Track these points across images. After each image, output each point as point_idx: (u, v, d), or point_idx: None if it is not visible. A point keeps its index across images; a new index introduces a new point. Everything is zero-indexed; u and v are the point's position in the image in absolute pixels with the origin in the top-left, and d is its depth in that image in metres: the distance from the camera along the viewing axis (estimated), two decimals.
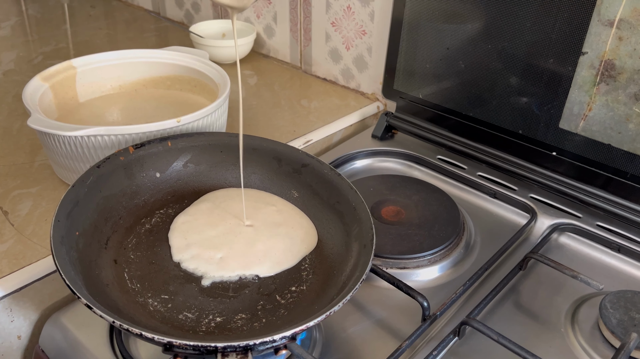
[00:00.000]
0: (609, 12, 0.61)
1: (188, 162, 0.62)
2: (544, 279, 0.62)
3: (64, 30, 1.24)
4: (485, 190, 0.75)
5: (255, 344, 0.41)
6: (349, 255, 0.54)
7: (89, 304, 0.42)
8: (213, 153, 0.63)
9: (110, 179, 0.56)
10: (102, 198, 0.55)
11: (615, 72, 0.63)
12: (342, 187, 0.59)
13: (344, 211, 0.58)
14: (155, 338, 0.40)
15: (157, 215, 0.60)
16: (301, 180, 0.63)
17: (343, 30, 0.95)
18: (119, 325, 0.41)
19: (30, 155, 0.76)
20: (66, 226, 0.49)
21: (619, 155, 0.65)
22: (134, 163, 0.59)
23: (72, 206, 0.51)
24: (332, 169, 0.61)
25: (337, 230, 0.58)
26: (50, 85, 0.73)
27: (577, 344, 0.54)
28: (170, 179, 0.61)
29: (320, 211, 0.61)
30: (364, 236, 0.54)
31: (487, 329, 0.51)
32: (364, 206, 0.56)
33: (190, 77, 0.81)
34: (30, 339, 0.60)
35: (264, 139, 0.65)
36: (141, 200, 0.59)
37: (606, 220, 0.68)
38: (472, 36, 0.74)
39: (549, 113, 0.69)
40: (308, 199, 0.62)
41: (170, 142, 0.61)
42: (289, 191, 0.63)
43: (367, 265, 0.49)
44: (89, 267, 0.50)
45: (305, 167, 0.62)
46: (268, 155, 0.64)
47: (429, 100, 0.82)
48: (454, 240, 0.65)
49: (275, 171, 0.64)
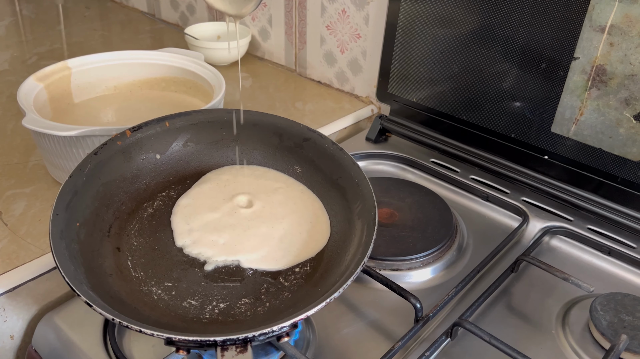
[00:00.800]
0: (601, 18, 0.62)
1: (188, 141, 0.61)
2: (535, 281, 0.63)
3: (58, 31, 1.24)
4: (477, 193, 0.76)
5: (254, 336, 0.41)
6: (352, 233, 0.53)
7: (88, 302, 0.42)
8: (213, 131, 0.62)
9: (108, 165, 0.55)
10: (101, 185, 0.54)
11: (606, 77, 0.64)
12: (344, 162, 0.58)
13: (346, 187, 0.57)
14: (155, 334, 0.40)
15: (159, 199, 0.59)
16: (303, 154, 0.61)
17: (338, 33, 0.95)
18: (119, 322, 0.41)
19: (25, 155, 0.76)
20: (65, 219, 0.49)
21: (609, 159, 0.66)
22: (133, 147, 0.57)
23: (71, 196, 0.50)
24: (334, 143, 0.59)
25: (340, 207, 0.57)
26: (45, 86, 0.73)
27: (567, 346, 0.55)
28: (170, 160, 0.60)
29: (324, 187, 0.59)
30: (367, 214, 0.52)
31: (479, 331, 0.52)
32: (367, 182, 0.55)
33: (185, 78, 0.81)
34: (23, 339, 0.60)
35: (263, 114, 0.63)
36: (142, 183, 0.58)
37: (597, 224, 0.68)
38: (465, 40, 0.75)
39: (541, 118, 0.70)
40: (311, 174, 0.60)
41: (168, 122, 0.59)
42: (291, 167, 0.61)
43: (369, 247, 0.48)
44: (91, 258, 0.49)
45: (307, 141, 0.61)
46: (269, 130, 0.62)
47: (422, 103, 0.82)
48: (446, 243, 0.66)
49: (277, 146, 0.62)
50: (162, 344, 0.54)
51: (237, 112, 0.62)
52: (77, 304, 0.58)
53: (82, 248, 0.49)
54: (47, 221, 0.64)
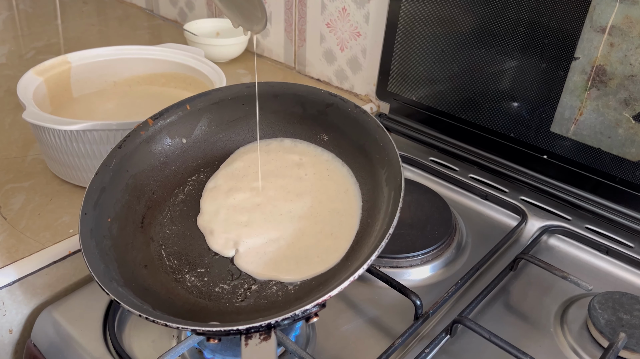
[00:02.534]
0: (602, 19, 0.62)
1: (211, 121, 0.59)
2: (533, 280, 0.63)
3: (56, 25, 1.23)
4: (476, 192, 0.76)
5: (277, 322, 0.41)
6: (381, 201, 0.51)
7: (117, 300, 0.42)
8: (235, 107, 0.60)
9: (135, 156, 0.54)
10: (130, 177, 0.53)
11: (606, 77, 0.64)
12: (368, 126, 0.55)
13: (372, 152, 0.54)
14: (180, 326, 0.40)
15: (189, 183, 0.58)
16: (328, 121, 0.59)
17: (338, 31, 0.95)
18: (145, 317, 0.41)
19: (23, 150, 0.76)
20: (95, 217, 0.48)
21: (608, 159, 0.67)
22: (157, 135, 0.56)
23: (99, 193, 0.50)
24: (357, 106, 0.57)
25: (368, 174, 0.55)
26: (45, 80, 0.73)
27: (566, 344, 0.55)
28: (197, 142, 0.59)
29: (351, 153, 0.57)
30: (394, 181, 0.50)
31: (479, 328, 0.52)
32: (392, 145, 0.52)
33: (185, 74, 0.81)
34: (22, 334, 0.60)
35: (283, 84, 0.61)
36: (172, 169, 0.57)
37: (595, 223, 0.69)
38: (466, 40, 0.75)
39: (541, 117, 0.71)
40: (338, 141, 0.58)
41: (188, 105, 0.58)
42: (318, 136, 0.60)
43: (394, 217, 0.45)
44: (124, 251, 0.49)
45: (330, 106, 0.58)
46: (291, 100, 0.60)
47: (422, 102, 0.83)
48: (446, 241, 0.66)
49: (301, 116, 0.60)
50: (162, 339, 0.54)
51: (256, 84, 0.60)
52: (77, 299, 0.58)
53: (115, 243, 0.48)
54: (46, 216, 0.63)
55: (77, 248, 0.60)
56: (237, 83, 0.61)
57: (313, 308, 0.41)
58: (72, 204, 0.66)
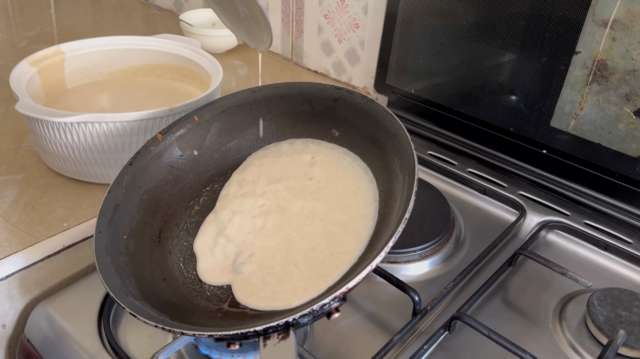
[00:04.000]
0: (604, 13, 0.61)
1: (221, 130, 0.59)
2: (532, 276, 0.63)
3: (49, 14, 1.22)
4: (475, 187, 0.75)
5: (295, 320, 0.39)
6: (397, 189, 0.50)
7: (133, 313, 0.41)
8: (243, 114, 0.59)
9: (147, 172, 0.54)
10: (144, 193, 0.53)
11: (607, 72, 0.63)
12: (378, 114, 0.54)
13: (384, 141, 0.53)
14: (197, 333, 0.40)
15: (204, 194, 0.57)
16: (337, 115, 0.58)
17: (336, 23, 0.94)
18: (162, 328, 0.40)
19: (16, 141, 0.74)
20: (109, 234, 0.48)
21: (608, 154, 0.66)
22: (167, 149, 0.56)
23: (113, 211, 0.50)
24: (364, 96, 0.56)
25: (381, 163, 0.54)
26: (38, 70, 0.71)
27: (564, 341, 0.55)
28: (209, 153, 0.58)
29: (363, 146, 0.56)
30: (407, 166, 0.48)
31: (478, 325, 0.52)
32: (403, 130, 0.51)
33: (181, 65, 0.80)
34: (15, 329, 0.59)
35: (288, 84, 0.60)
36: (186, 182, 0.56)
37: (594, 219, 0.68)
38: (466, 33, 0.74)
39: (541, 112, 0.70)
40: (349, 135, 0.57)
41: (196, 117, 0.57)
42: (329, 132, 0.59)
43: (410, 201, 0.44)
44: (142, 266, 0.49)
45: (337, 100, 0.58)
46: (298, 99, 0.59)
47: (421, 95, 0.82)
48: (444, 236, 0.65)
49: (310, 114, 0.59)
50: (158, 335, 0.53)
51: (262, 87, 0.60)
52: (71, 293, 0.57)
53: (132, 258, 0.48)
54: (40, 209, 0.63)
55: (72, 242, 0.60)
56: (243, 90, 0.60)
57: (332, 302, 0.40)
58: (67, 197, 0.65)
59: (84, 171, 0.65)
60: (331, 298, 0.40)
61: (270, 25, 0.47)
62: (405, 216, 0.44)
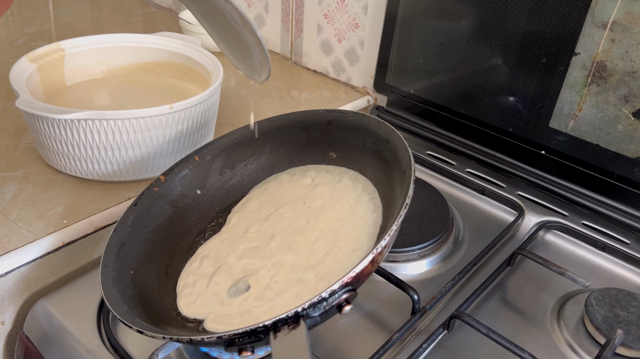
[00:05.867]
0: (603, 14, 0.62)
1: (222, 168, 0.61)
2: (530, 275, 0.63)
3: (47, 11, 1.21)
4: (473, 187, 0.76)
5: (304, 310, 0.39)
6: (397, 191, 0.51)
7: (141, 331, 0.41)
8: (242, 151, 0.62)
9: (151, 212, 0.55)
10: (150, 232, 0.54)
11: (606, 73, 0.64)
12: (370, 126, 0.56)
13: (380, 149, 0.55)
14: (205, 338, 0.39)
15: (209, 229, 0.59)
16: (332, 137, 0.60)
17: (335, 22, 0.94)
18: (169, 338, 0.40)
19: (15, 138, 0.74)
20: (116, 268, 0.49)
21: (606, 155, 0.66)
22: (171, 190, 0.57)
23: (119, 248, 0.50)
24: (355, 113, 0.58)
25: (381, 172, 0.55)
26: (38, 67, 0.71)
27: (562, 340, 0.55)
28: (211, 191, 0.60)
29: (362, 160, 0.58)
30: (404, 162, 0.50)
31: (477, 324, 0.52)
32: (396, 133, 0.53)
33: (181, 63, 0.80)
34: (14, 325, 0.59)
35: (283, 116, 0.62)
36: (190, 220, 0.58)
37: (592, 219, 0.69)
38: (465, 33, 0.74)
39: (540, 112, 0.70)
40: (346, 154, 0.59)
41: (197, 157, 0.60)
42: (326, 155, 0.60)
43: (408, 192, 0.45)
44: (150, 298, 0.49)
45: (330, 123, 0.60)
46: (293, 129, 0.61)
47: (420, 95, 0.82)
48: (443, 235, 0.66)
49: (306, 141, 0.61)
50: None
51: (256, 124, 0.62)
52: (71, 290, 0.57)
53: (139, 291, 0.49)
54: (40, 206, 0.62)
55: (71, 239, 0.60)
56: (239, 127, 0.62)
57: (342, 291, 0.40)
58: (66, 194, 0.65)
59: (84, 168, 0.65)
60: (340, 285, 0.39)
61: (268, 58, 0.47)
62: (406, 201, 0.45)
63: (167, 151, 0.66)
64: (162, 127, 0.64)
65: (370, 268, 0.42)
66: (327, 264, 0.50)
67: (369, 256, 0.41)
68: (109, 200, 0.64)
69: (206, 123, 0.70)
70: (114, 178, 0.66)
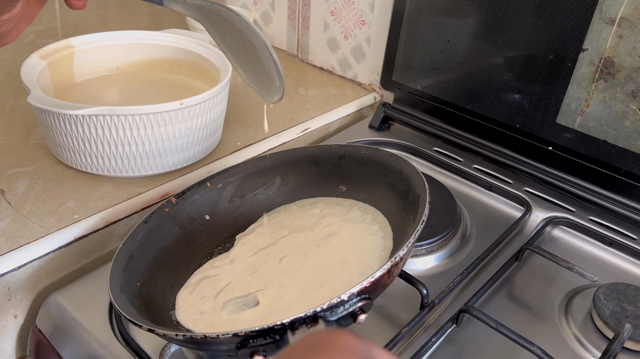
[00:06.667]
0: (611, 10, 0.62)
1: (232, 196, 0.62)
2: (537, 271, 0.63)
3: (54, 9, 1.22)
4: (480, 183, 0.76)
5: (323, 310, 0.39)
6: (408, 217, 0.52)
7: (151, 329, 0.42)
8: (253, 181, 0.63)
9: (160, 231, 0.56)
10: (157, 250, 0.55)
11: (614, 69, 0.64)
12: (383, 159, 0.58)
13: (393, 180, 0.57)
14: (220, 335, 0.39)
15: (216, 252, 0.60)
16: (343, 172, 0.62)
17: (342, 19, 0.95)
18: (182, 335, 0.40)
19: (25, 134, 0.75)
20: (124, 278, 0.49)
21: (614, 151, 0.67)
22: (181, 213, 0.58)
23: (127, 260, 0.51)
24: (368, 147, 0.60)
25: (392, 202, 0.57)
26: (48, 64, 0.72)
27: (570, 334, 0.55)
28: (220, 217, 0.61)
29: (373, 193, 0.59)
30: (417, 189, 0.52)
31: (486, 318, 0.52)
32: (409, 164, 0.55)
33: (189, 60, 0.80)
34: (27, 319, 0.59)
35: (295, 150, 0.65)
36: (197, 244, 0.59)
37: (599, 215, 0.69)
38: (473, 30, 0.75)
39: (547, 108, 0.71)
40: (357, 187, 0.61)
41: (209, 183, 0.61)
42: (336, 188, 0.62)
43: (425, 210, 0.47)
44: (156, 310, 0.50)
45: (342, 158, 0.62)
46: (305, 162, 0.63)
47: (427, 92, 0.82)
48: (450, 231, 0.66)
49: (317, 174, 0.63)
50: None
51: (271, 155, 0.63)
52: (83, 284, 0.57)
53: (145, 303, 0.49)
54: (51, 201, 0.63)
55: (83, 234, 0.60)
56: (253, 157, 0.64)
57: (358, 298, 0.40)
58: (77, 189, 0.65)
59: (94, 163, 0.65)
60: (358, 289, 0.40)
61: (283, 79, 0.48)
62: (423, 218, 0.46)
63: (177, 147, 0.67)
64: (172, 123, 0.64)
65: (387, 278, 0.43)
66: (335, 284, 0.51)
67: (387, 264, 0.42)
68: (119, 196, 0.65)
69: (215, 119, 0.70)
70: (124, 174, 0.66)
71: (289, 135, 0.81)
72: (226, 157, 0.74)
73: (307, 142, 0.85)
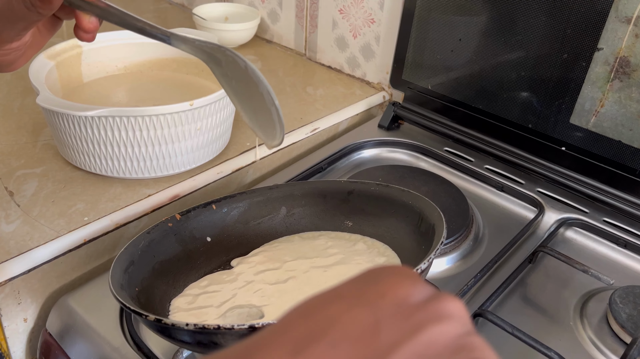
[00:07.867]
0: (627, 9, 0.61)
1: (236, 222, 0.62)
2: (551, 273, 0.63)
3: None
4: (492, 183, 0.75)
5: None
6: (419, 249, 0.53)
7: (158, 318, 0.42)
8: (258, 209, 0.63)
9: (162, 244, 0.56)
10: (157, 262, 0.55)
11: (629, 69, 0.63)
12: (393, 196, 0.58)
13: (403, 215, 0.57)
14: (235, 326, 0.39)
15: (214, 272, 0.59)
16: (350, 207, 0.62)
17: (351, 17, 0.94)
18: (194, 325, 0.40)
19: (33, 134, 0.74)
20: (125, 279, 0.49)
21: (629, 152, 0.66)
22: (183, 230, 0.58)
23: (128, 264, 0.51)
24: (379, 184, 0.60)
25: (404, 235, 0.57)
26: (56, 64, 0.71)
27: (586, 338, 0.55)
28: (221, 241, 0.60)
29: (380, 228, 0.59)
30: (431, 219, 0.52)
31: (501, 322, 0.52)
32: (422, 198, 0.55)
33: (197, 60, 0.79)
34: (37, 322, 0.59)
35: (304, 183, 0.65)
36: (196, 263, 0.58)
37: (613, 216, 0.68)
38: (484, 28, 0.74)
39: (560, 109, 0.70)
40: (364, 222, 0.61)
41: (214, 206, 0.61)
42: (342, 223, 0.62)
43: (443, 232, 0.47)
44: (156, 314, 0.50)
45: (350, 193, 0.61)
46: (312, 195, 0.63)
47: (437, 91, 0.82)
48: (463, 232, 0.65)
49: (323, 208, 0.63)
50: None
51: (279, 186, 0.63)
52: (93, 288, 0.57)
53: (144, 307, 0.49)
54: (60, 203, 0.63)
55: (93, 237, 0.60)
56: (261, 187, 0.64)
57: None
58: (86, 191, 0.65)
59: (103, 165, 0.65)
60: None
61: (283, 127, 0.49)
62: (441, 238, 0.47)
63: (187, 148, 0.66)
64: (182, 124, 0.63)
65: None
66: None
67: None
68: (129, 197, 0.64)
69: (225, 119, 0.70)
70: (134, 176, 0.66)
71: (298, 135, 0.81)
72: (236, 157, 0.74)
73: (316, 142, 0.84)
